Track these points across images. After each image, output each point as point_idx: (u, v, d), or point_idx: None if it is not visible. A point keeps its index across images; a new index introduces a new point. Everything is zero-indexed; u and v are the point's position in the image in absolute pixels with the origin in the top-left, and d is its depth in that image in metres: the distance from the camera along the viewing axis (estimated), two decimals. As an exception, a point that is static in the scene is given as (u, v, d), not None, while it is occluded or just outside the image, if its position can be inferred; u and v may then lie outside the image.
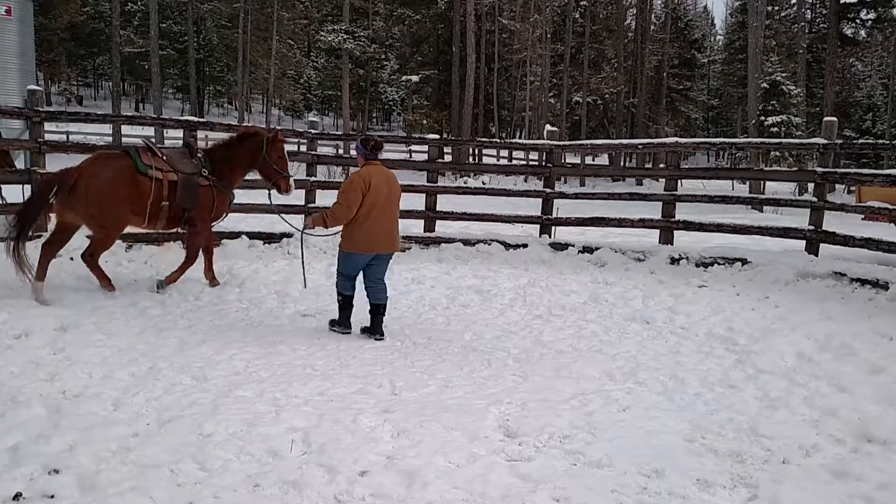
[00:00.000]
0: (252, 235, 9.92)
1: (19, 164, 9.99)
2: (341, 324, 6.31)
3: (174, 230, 7.98)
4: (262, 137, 7.66)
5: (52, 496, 3.17)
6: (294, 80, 55.95)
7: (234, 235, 9.83)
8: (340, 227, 6.16)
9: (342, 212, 6.02)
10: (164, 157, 7.30)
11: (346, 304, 6.31)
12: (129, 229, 7.70)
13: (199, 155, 7.59)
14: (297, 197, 10.91)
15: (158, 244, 9.33)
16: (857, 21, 37.75)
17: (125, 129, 33.24)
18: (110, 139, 30.91)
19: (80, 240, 8.62)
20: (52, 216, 7.51)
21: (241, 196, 11.34)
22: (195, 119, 9.92)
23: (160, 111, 33.14)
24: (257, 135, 7.72)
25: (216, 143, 7.92)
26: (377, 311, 6.24)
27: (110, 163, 7.13)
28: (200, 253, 7.76)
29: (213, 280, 7.77)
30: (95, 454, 3.55)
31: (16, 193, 9.16)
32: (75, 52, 51.65)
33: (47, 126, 9.86)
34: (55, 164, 9.58)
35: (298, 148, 26.94)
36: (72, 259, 8.32)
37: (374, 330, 6.22)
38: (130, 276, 7.96)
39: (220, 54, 52.99)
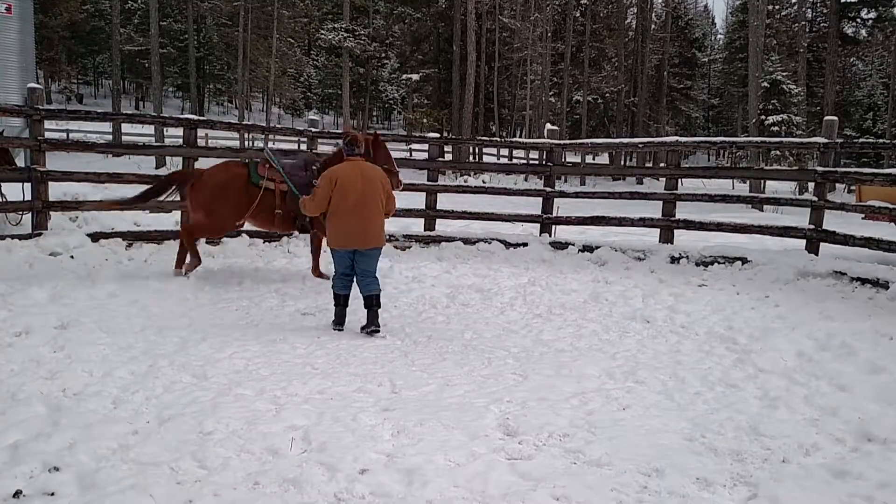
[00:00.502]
0: (252, 234, 9.91)
1: (20, 161, 9.99)
2: (334, 320, 6.41)
3: (291, 232, 8.62)
4: (367, 141, 7.62)
5: (52, 494, 3.17)
6: (294, 79, 55.97)
7: (235, 234, 9.83)
8: None
9: (310, 204, 6.36)
10: (280, 169, 7.96)
11: (337, 301, 6.39)
12: (248, 227, 8.86)
13: (315, 166, 8.03)
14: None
15: (158, 243, 9.33)
16: (858, 20, 37.75)
17: (125, 126, 33.28)
18: (110, 137, 30.92)
19: (80, 237, 8.63)
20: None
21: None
22: (195, 117, 9.92)
23: (160, 109, 33.13)
24: (362, 139, 7.78)
25: (332, 153, 8.27)
26: (368, 303, 6.26)
27: (228, 171, 8.11)
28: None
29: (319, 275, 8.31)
30: (95, 452, 3.55)
31: (16, 191, 9.17)
32: (75, 50, 51.66)
33: (47, 124, 9.86)
34: (55, 162, 9.59)
35: (299, 146, 26.94)
36: (72, 257, 8.33)
37: (368, 323, 6.22)
38: (132, 274, 7.95)
39: (221, 52, 53.01)
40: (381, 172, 6.42)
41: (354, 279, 6.37)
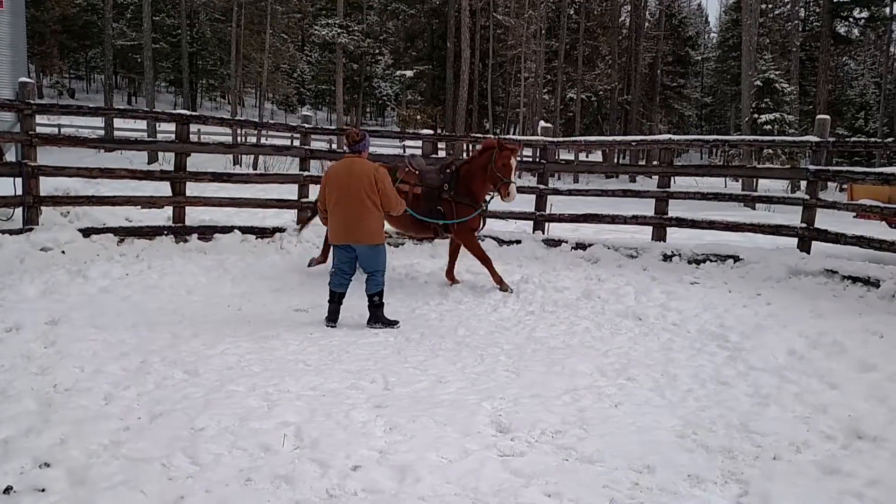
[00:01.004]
0: (245, 230, 9.90)
1: (10, 156, 9.93)
2: (327, 316, 6.45)
3: (430, 236, 8.54)
4: (492, 148, 7.86)
5: (43, 490, 3.15)
6: (287, 75, 55.74)
7: (227, 230, 9.81)
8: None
9: (319, 202, 6.58)
10: (418, 172, 8.14)
11: (330, 297, 6.44)
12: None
13: (450, 170, 8.17)
14: (289, 191, 10.91)
15: (150, 238, 9.30)
16: (851, 20, 37.90)
17: (117, 121, 33.12)
18: (102, 132, 30.77)
19: (72, 232, 8.59)
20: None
21: (233, 190, 11.34)
22: (188, 113, 9.88)
23: (153, 104, 32.94)
24: (488, 146, 7.98)
25: (468, 157, 8.37)
26: (370, 302, 6.45)
27: None
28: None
29: (503, 284, 8.01)
30: (86, 448, 3.54)
31: (7, 186, 9.11)
32: (67, 44, 51.33)
33: (39, 119, 9.80)
34: (46, 157, 9.54)
35: (292, 142, 26.88)
36: (63, 253, 8.29)
37: (369, 319, 6.44)
38: (122, 270, 7.92)
39: (214, 48, 52.73)
40: (372, 168, 6.28)
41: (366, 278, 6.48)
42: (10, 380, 4.43)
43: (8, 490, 3.11)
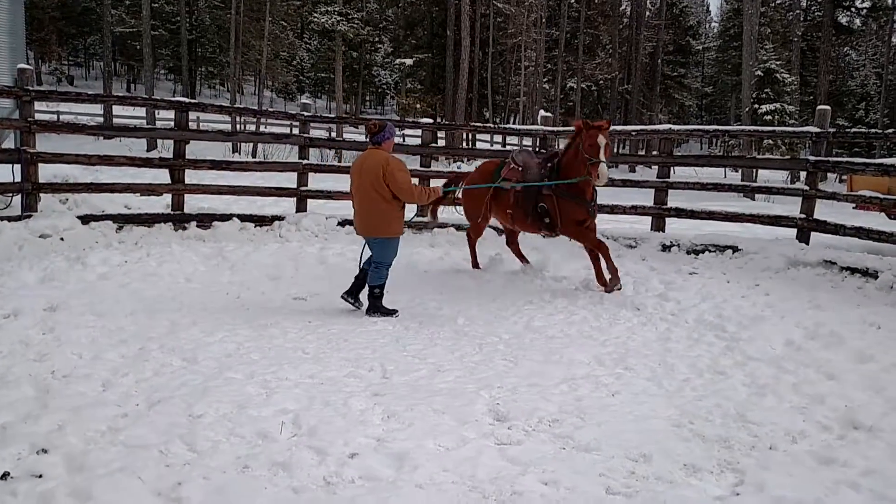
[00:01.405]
0: (244, 218, 9.89)
1: (9, 143, 9.91)
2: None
3: (540, 232, 8.15)
4: (579, 130, 7.43)
5: (41, 476, 3.16)
6: (287, 62, 55.53)
7: (226, 217, 9.80)
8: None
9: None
10: (521, 168, 7.86)
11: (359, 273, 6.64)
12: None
13: (551, 164, 7.79)
14: (289, 179, 10.89)
15: (149, 226, 9.29)
16: (852, 10, 37.76)
17: (116, 109, 33.02)
18: (101, 119, 30.68)
19: (70, 219, 8.59)
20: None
21: (232, 178, 11.32)
22: (187, 100, 9.85)
23: (152, 92, 32.84)
24: (576, 130, 7.55)
25: (563, 148, 7.91)
26: (369, 292, 6.52)
27: (480, 169, 8.49)
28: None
29: (606, 285, 7.56)
30: (84, 434, 3.55)
31: (5, 173, 9.09)
32: (66, 31, 51.11)
33: (38, 105, 9.78)
34: (45, 144, 9.51)
35: (291, 131, 26.81)
36: (62, 240, 8.29)
37: (368, 309, 6.51)
38: (121, 257, 7.91)
39: (213, 35, 52.49)
40: (382, 161, 6.17)
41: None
42: (9, 366, 4.44)
43: (5, 476, 3.12)
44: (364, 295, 6.59)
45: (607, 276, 7.56)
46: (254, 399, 4.15)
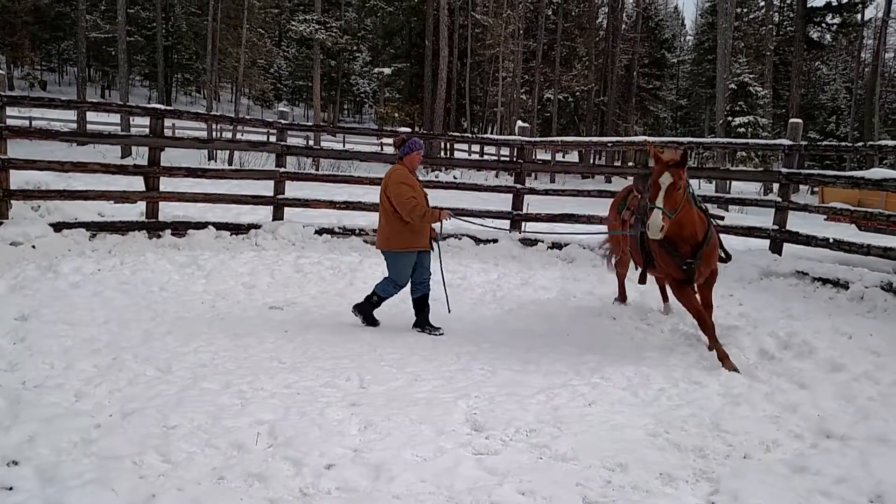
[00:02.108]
0: (219, 226, 9.81)
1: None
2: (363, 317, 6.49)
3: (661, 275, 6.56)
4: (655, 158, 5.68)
5: (11, 488, 3.10)
6: (264, 70, 55.28)
7: (201, 226, 9.71)
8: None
9: None
10: (640, 196, 6.50)
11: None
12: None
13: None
14: (266, 187, 10.83)
15: (122, 234, 9.18)
16: (823, 25, 38.41)
17: (90, 115, 32.63)
18: (75, 126, 30.32)
19: (42, 227, 8.47)
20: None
21: (208, 186, 11.23)
22: (162, 107, 9.77)
23: (127, 98, 32.54)
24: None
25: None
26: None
27: (617, 197, 7.39)
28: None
29: (726, 362, 5.42)
30: (56, 446, 3.49)
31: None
32: (39, 35, 50.45)
33: (9, 111, 9.64)
34: (16, 150, 9.37)
35: (268, 139, 26.68)
36: (34, 248, 8.17)
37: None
38: (94, 265, 7.81)
39: (189, 42, 52.20)
40: (391, 172, 6.23)
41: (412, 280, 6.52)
42: (-22, 376, 4.36)
43: (-25, 488, 3.06)
44: (430, 316, 6.44)
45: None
46: (229, 409, 4.12)
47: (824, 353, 5.64)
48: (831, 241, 8.66)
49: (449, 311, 6.70)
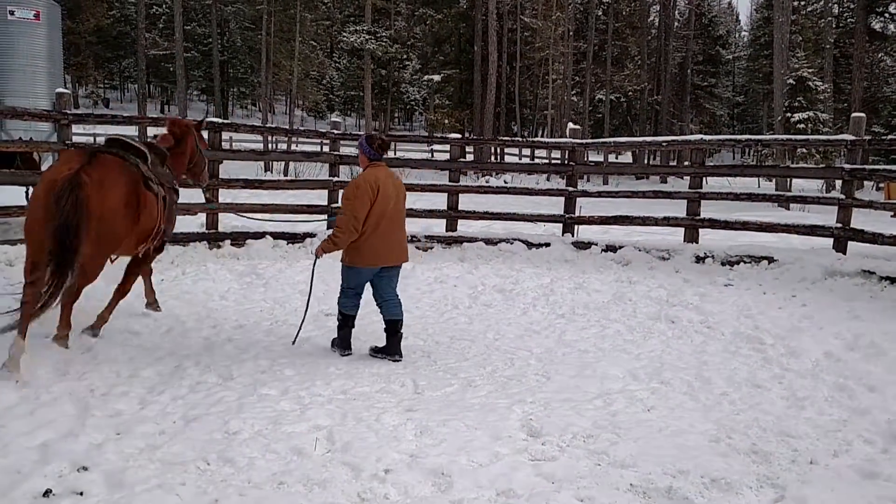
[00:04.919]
0: (276, 235, 9.99)
1: (46, 165, 10.14)
2: (341, 345, 5.64)
3: None
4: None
5: (81, 493, 3.21)
6: (317, 81, 56.22)
7: (259, 236, 9.91)
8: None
9: (350, 225, 5.28)
10: None
11: (345, 322, 5.63)
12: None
13: None
14: (320, 197, 10.99)
15: (184, 245, 9.42)
16: (886, 15, 37.09)
17: (151, 130, 33.63)
18: (136, 141, 31.30)
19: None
20: None
21: (264, 197, 11.44)
22: (219, 120, 10.01)
23: (185, 113, 33.46)
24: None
25: None
26: (393, 328, 5.57)
27: None
28: None
29: None
30: (123, 452, 3.60)
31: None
32: (102, 54, 52.36)
33: (75, 128, 10.01)
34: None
35: (321, 149, 27.09)
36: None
37: (392, 350, 5.55)
38: (157, 276, 8.03)
39: (244, 56, 53.41)
40: (400, 180, 5.82)
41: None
42: (49, 384, 4.52)
43: (47, 493, 3.18)
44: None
45: None
46: (288, 415, 4.18)
47: (894, 354, 5.45)
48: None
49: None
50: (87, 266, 4.98)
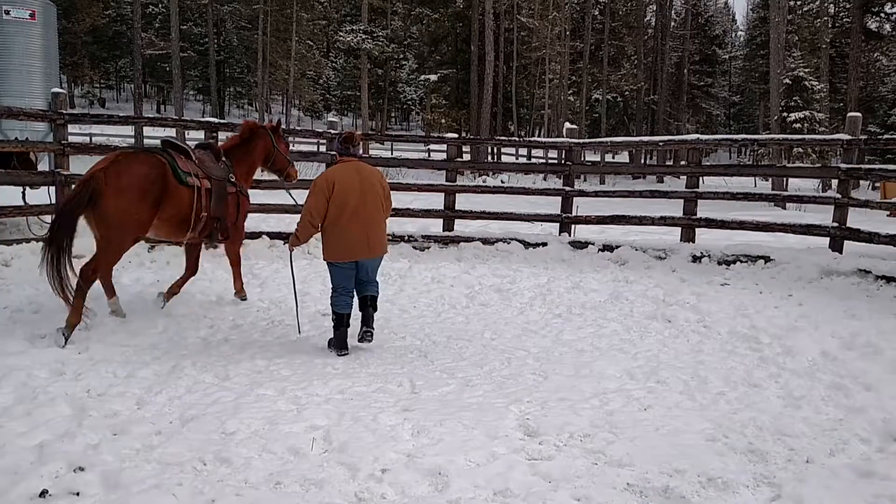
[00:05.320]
0: (272, 235, 9.98)
1: (43, 166, 10.13)
2: (337, 345, 5.65)
3: None
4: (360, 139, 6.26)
5: (78, 493, 3.21)
6: (313, 81, 56.22)
7: (255, 236, 9.90)
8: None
9: (306, 221, 5.57)
10: None
11: (340, 322, 5.66)
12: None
13: None
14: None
15: (180, 245, 9.40)
16: (882, 15, 37.15)
17: (147, 130, 33.60)
18: (133, 141, 31.26)
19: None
20: None
21: (261, 196, 11.44)
22: (216, 120, 10.01)
23: (181, 112, 33.44)
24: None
25: None
26: (365, 302, 5.76)
27: None
28: None
29: None
30: (119, 452, 3.59)
31: (42, 195, 9.28)
32: (98, 54, 52.29)
33: (71, 128, 10.00)
34: (78, 166, 9.71)
35: (318, 148, 27.08)
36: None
37: (364, 322, 5.73)
38: (153, 276, 8.03)
39: (240, 55, 53.40)
40: (379, 172, 5.80)
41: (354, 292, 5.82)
42: (46, 385, 4.52)
43: (44, 493, 3.17)
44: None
45: None
46: (285, 415, 4.18)
47: (890, 353, 5.47)
48: (895, 237, 8.36)
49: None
50: (101, 244, 5.96)
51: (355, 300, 5.83)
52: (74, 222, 5.65)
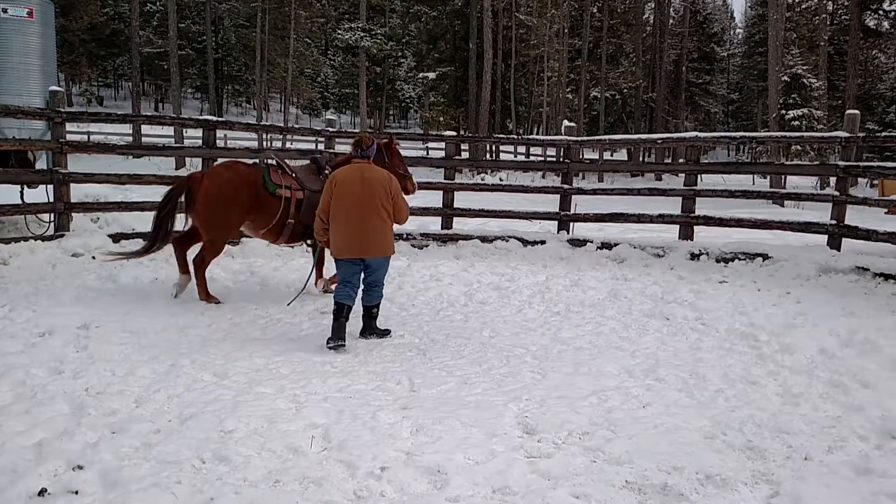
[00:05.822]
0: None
1: (41, 164, 10.12)
2: (331, 334, 5.67)
3: None
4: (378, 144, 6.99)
5: (76, 492, 3.20)
6: (311, 79, 56.19)
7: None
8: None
9: (316, 216, 6.02)
10: None
11: (339, 312, 5.71)
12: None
13: None
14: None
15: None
16: (880, 12, 37.21)
17: (145, 128, 33.59)
18: (130, 139, 31.23)
19: (102, 238, 8.72)
20: None
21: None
22: (214, 118, 10.00)
23: (179, 110, 33.39)
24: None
25: None
26: (367, 314, 6.04)
27: None
28: None
29: None
30: (118, 450, 3.59)
31: (39, 193, 9.27)
32: (96, 52, 52.19)
33: (69, 126, 9.98)
34: (76, 164, 9.70)
35: (316, 146, 27.05)
36: (94, 258, 8.43)
37: (363, 330, 6.03)
38: (151, 275, 8.03)
39: (238, 53, 53.37)
40: (386, 176, 5.89)
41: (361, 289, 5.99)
42: (44, 383, 4.51)
43: (43, 492, 3.17)
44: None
45: None
46: (284, 413, 4.18)
47: (888, 350, 5.47)
48: (893, 234, 8.37)
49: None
50: (204, 242, 7.21)
51: (357, 300, 5.90)
52: (173, 206, 7.19)
